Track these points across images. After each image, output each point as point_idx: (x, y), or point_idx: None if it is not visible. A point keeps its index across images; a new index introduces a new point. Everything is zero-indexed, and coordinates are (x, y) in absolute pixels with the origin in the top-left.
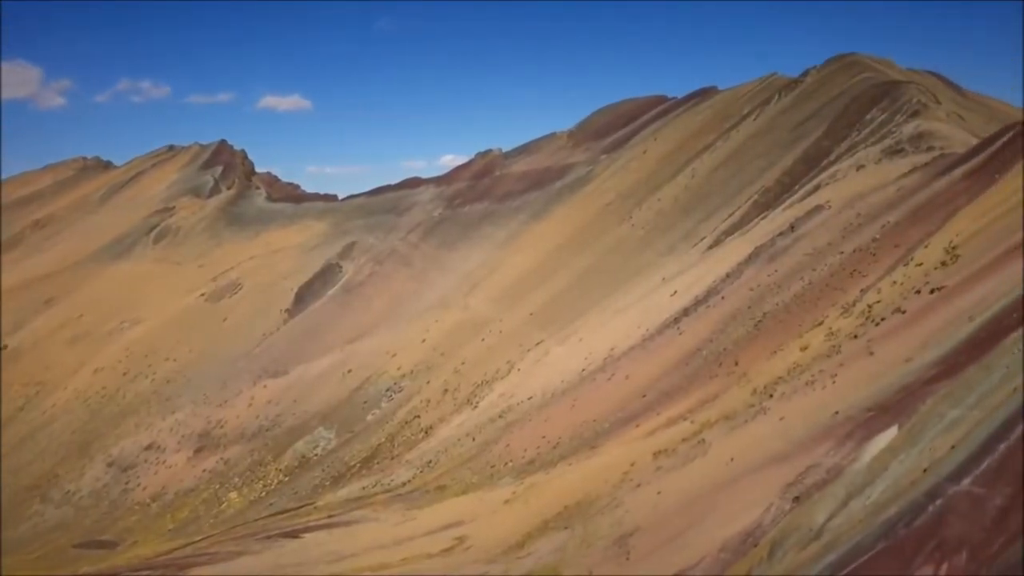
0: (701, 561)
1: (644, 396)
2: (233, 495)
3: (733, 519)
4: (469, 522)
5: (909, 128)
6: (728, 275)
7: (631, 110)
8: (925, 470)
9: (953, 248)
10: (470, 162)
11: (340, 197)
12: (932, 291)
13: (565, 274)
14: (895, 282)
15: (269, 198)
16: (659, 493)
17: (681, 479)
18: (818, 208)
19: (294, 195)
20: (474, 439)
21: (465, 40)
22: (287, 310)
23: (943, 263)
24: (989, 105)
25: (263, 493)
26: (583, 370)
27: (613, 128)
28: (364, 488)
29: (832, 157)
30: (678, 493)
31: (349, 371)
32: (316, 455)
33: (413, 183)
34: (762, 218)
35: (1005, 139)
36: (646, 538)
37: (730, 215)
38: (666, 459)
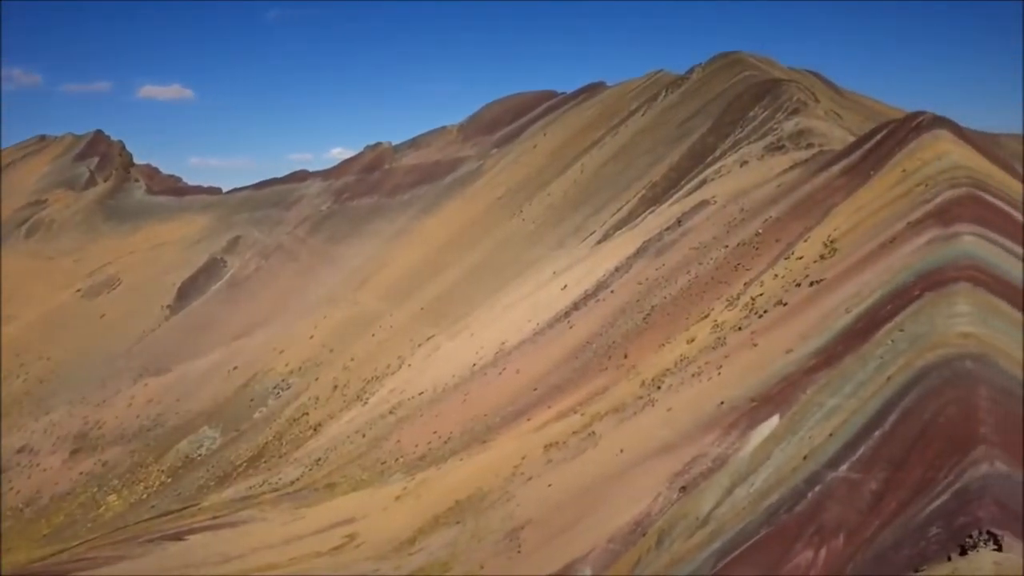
0: (591, 552)
1: (535, 390)
2: (112, 498)
3: (623, 510)
4: (359, 519)
5: (790, 125)
6: (617, 269)
7: (521, 104)
8: (805, 457)
9: (831, 242)
10: (359, 155)
11: (224, 190)
12: (812, 284)
13: (456, 269)
14: (777, 275)
15: (149, 191)
16: (550, 486)
17: (571, 472)
18: (704, 203)
19: (176, 188)
20: (364, 436)
21: (355, 32)
22: (169, 306)
23: (822, 257)
24: (865, 104)
25: (144, 495)
26: (474, 365)
27: (503, 122)
28: (251, 488)
29: (717, 153)
30: (569, 485)
31: (235, 368)
32: (200, 455)
33: (300, 176)
34: (650, 212)
35: (879, 137)
36: (537, 531)
37: (619, 209)
38: (557, 452)
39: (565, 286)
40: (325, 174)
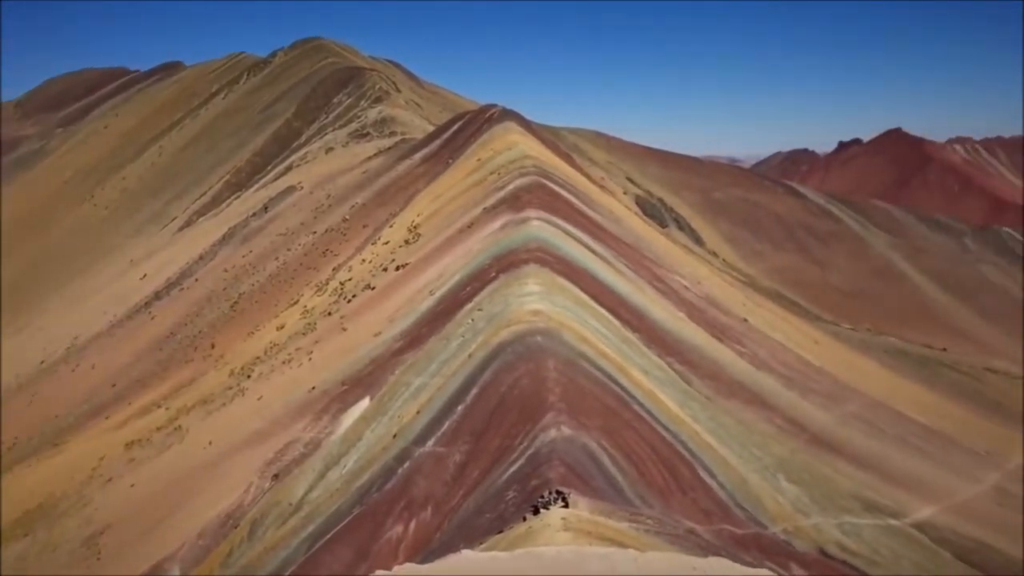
0: (180, 550)
1: (114, 386)
2: None
3: (213, 503)
4: None
5: (373, 113)
6: (202, 257)
7: (89, 81)
8: (395, 436)
9: (415, 228)
10: None
11: None
12: (398, 268)
13: (18, 258)
14: (365, 260)
15: None
16: (133, 486)
17: (157, 469)
18: (290, 189)
19: None
20: None
21: None
22: None
23: (407, 242)
24: (442, 95)
25: None
26: (42, 362)
27: (69, 100)
28: None
29: (303, 139)
30: (154, 483)
31: None
32: None
33: None
34: (235, 198)
35: (456, 128)
36: (118, 534)
37: (202, 195)
38: (140, 450)
39: (145, 275)
40: None
